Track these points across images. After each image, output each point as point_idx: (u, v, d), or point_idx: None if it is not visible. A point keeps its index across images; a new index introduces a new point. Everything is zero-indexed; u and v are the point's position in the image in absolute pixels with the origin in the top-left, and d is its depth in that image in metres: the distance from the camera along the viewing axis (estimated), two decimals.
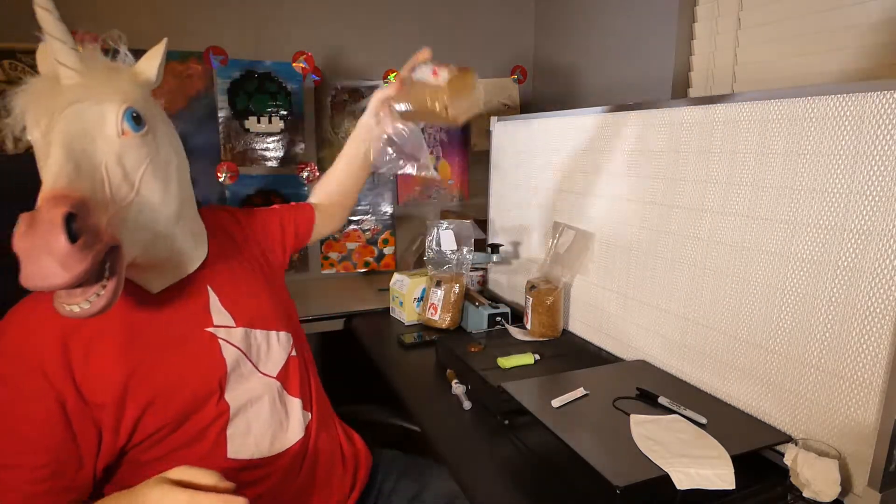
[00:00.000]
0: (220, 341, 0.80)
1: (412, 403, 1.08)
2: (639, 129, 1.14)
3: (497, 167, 1.72)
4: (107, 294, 0.60)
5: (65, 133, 0.61)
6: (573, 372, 1.06)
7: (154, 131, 0.71)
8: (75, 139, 0.62)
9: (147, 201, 0.68)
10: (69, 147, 0.60)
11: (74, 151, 0.61)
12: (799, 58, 1.22)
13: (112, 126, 0.65)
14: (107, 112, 0.65)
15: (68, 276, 0.54)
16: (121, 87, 0.67)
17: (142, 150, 0.68)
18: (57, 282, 0.54)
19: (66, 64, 0.64)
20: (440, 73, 1.01)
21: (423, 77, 1.02)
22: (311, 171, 1.91)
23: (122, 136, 0.66)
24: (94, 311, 0.59)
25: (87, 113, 0.64)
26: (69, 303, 0.59)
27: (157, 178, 0.69)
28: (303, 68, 1.85)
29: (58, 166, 0.59)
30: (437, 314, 1.47)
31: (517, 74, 2.16)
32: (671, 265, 1.08)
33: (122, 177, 0.65)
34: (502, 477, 0.85)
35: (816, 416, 0.82)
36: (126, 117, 0.66)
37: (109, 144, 0.65)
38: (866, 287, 0.75)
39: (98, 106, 0.65)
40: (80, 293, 0.59)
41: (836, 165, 0.78)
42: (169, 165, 0.73)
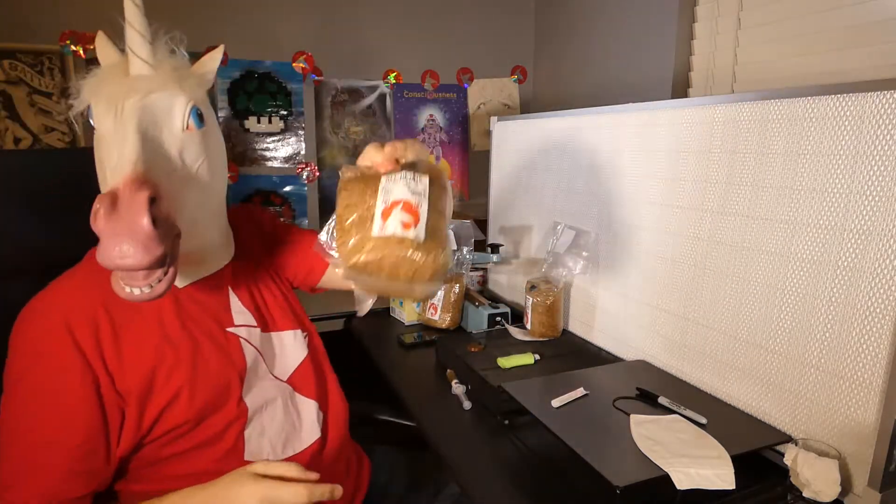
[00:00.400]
0: (242, 341, 0.81)
1: (412, 403, 1.08)
2: (638, 129, 1.14)
3: (497, 167, 1.72)
4: (167, 280, 0.61)
5: (140, 121, 0.63)
6: (573, 372, 1.06)
7: (210, 129, 0.74)
8: (149, 128, 0.64)
9: (196, 195, 0.70)
10: (144, 135, 0.63)
11: (148, 139, 0.63)
12: (799, 58, 1.22)
13: (179, 120, 0.68)
14: (176, 106, 0.68)
15: (147, 259, 0.56)
16: (188, 84, 0.70)
17: (200, 146, 0.70)
18: (133, 263, 0.55)
19: (141, 56, 0.66)
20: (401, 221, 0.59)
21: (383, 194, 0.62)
22: (311, 171, 1.91)
23: (186, 131, 0.68)
24: (154, 295, 0.61)
25: (157, 104, 0.66)
26: (131, 285, 0.60)
27: (208, 174, 0.72)
28: (303, 68, 1.85)
29: (136, 151, 0.60)
30: (437, 314, 1.47)
31: (517, 74, 2.16)
32: (671, 265, 1.08)
33: (182, 169, 0.68)
34: (502, 477, 0.85)
35: (816, 416, 0.82)
36: (192, 113, 0.69)
37: (174, 137, 0.67)
38: (866, 287, 0.75)
39: (168, 99, 0.67)
40: (143, 276, 0.60)
41: (836, 165, 0.78)
42: (218, 162, 0.76)
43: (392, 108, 2.00)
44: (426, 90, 2.04)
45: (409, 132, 2.05)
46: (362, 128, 1.97)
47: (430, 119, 2.07)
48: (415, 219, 0.58)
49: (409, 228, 0.58)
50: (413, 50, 1.99)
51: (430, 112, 2.07)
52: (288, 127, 1.87)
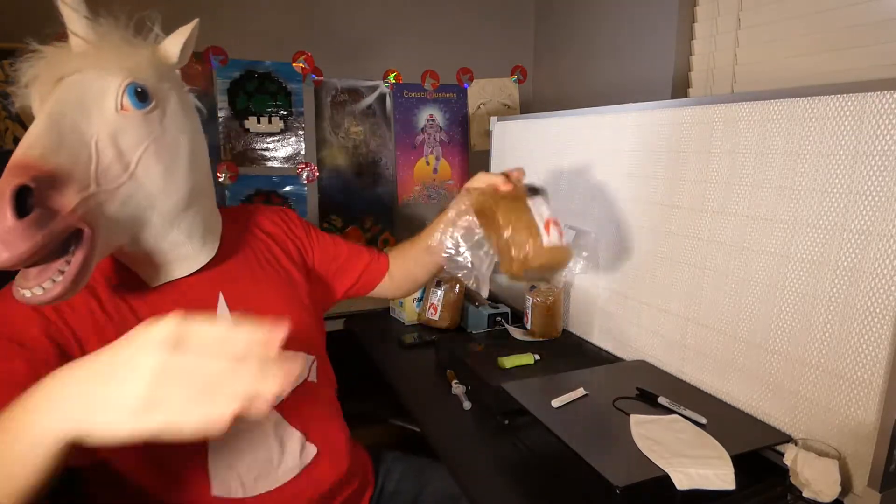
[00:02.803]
0: None
1: (412, 403, 1.08)
2: (639, 129, 1.14)
3: (497, 167, 1.72)
4: (64, 281, 0.54)
5: (58, 101, 0.57)
6: (573, 372, 1.06)
7: (163, 111, 0.66)
8: (68, 109, 0.58)
9: (142, 187, 0.62)
10: (57, 117, 0.56)
11: (62, 123, 0.56)
12: (799, 58, 1.22)
13: (111, 99, 0.61)
14: (108, 84, 0.61)
15: (6, 255, 0.49)
16: (130, 59, 0.63)
17: (142, 130, 0.62)
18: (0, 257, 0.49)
19: (77, 33, 0.61)
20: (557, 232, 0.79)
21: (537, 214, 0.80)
22: (311, 171, 1.91)
23: (122, 112, 0.61)
24: (48, 298, 0.54)
25: (87, 84, 0.60)
26: (22, 286, 0.54)
27: (159, 162, 0.64)
28: (303, 68, 1.85)
29: (36, 134, 0.54)
30: (437, 314, 1.47)
31: (517, 74, 2.16)
32: (671, 265, 1.07)
33: (115, 156, 0.60)
34: (502, 477, 0.85)
35: (816, 416, 0.82)
36: (128, 92, 0.61)
37: (105, 119, 0.60)
38: (866, 287, 0.75)
39: (100, 77, 0.61)
40: (34, 276, 0.53)
41: (836, 165, 0.78)
42: (177, 149, 0.67)
43: (392, 108, 2.00)
44: (426, 90, 2.04)
45: (409, 132, 2.05)
46: (362, 128, 1.97)
47: (430, 119, 2.07)
48: (559, 230, 0.79)
49: (563, 238, 0.79)
50: (413, 50, 1.99)
51: (429, 112, 2.07)
52: (288, 127, 1.87)
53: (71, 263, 0.55)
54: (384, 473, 1.01)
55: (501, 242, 0.79)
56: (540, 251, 0.77)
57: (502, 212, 0.79)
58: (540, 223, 0.78)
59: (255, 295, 0.81)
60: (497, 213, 0.79)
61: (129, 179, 0.61)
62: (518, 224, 0.78)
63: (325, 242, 0.99)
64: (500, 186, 0.83)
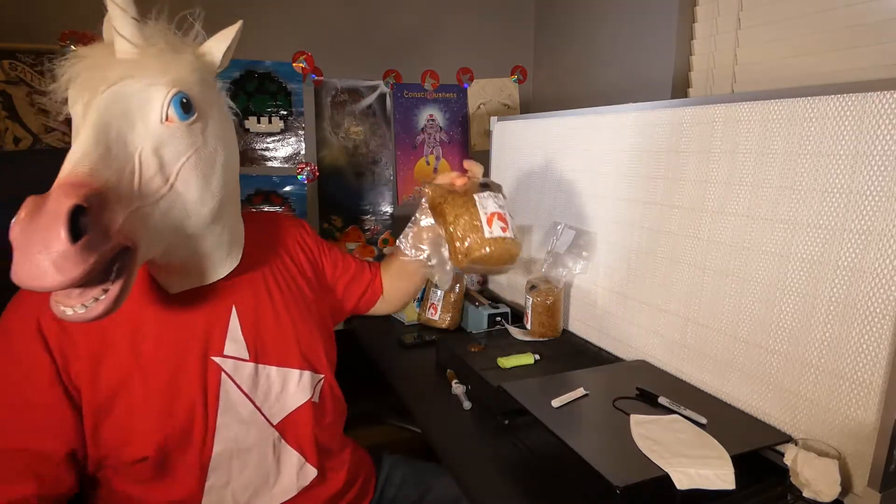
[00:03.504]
0: (223, 375, 0.72)
1: (412, 403, 1.08)
2: (639, 129, 1.14)
3: (497, 167, 1.72)
4: (107, 300, 0.53)
5: (103, 112, 0.56)
6: (573, 372, 1.06)
7: (205, 121, 0.65)
8: (113, 120, 0.56)
9: (181, 198, 0.61)
10: (104, 129, 0.55)
11: (108, 134, 0.55)
12: (799, 58, 1.22)
13: (157, 111, 0.59)
14: (153, 95, 0.59)
15: (60, 279, 0.47)
16: (175, 68, 0.61)
17: (185, 141, 0.61)
18: (47, 284, 0.47)
19: (124, 35, 0.58)
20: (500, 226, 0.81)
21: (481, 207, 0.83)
22: (311, 171, 1.91)
23: (166, 123, 0.60)
24: (90, 316, 0.52)
25: (132, 93, 0.58)
26: (64, 304, 0.52)
27: (197, 174, 0.63)
28: (303, 68, 1.85)
29: (84, 149, 0.52)
30: (437, 314, 1.47)
31: (517, 74, 2.16)
32: (671, 265, 1.07)
33: (157, 168, 0.58)
34: (502, 477, 0.85)
35: (816, 416, 0.82)
36: (174, 103, 0.60)
37: (150, 130, 0.59)
38: (866, 287, 0.75)
39: (146, 87, 0.59)
40: (77, 295, 0.52)
41: (836, 165, 0.78)
42: (215, 160, 0.66)
43: (392, 108, 2.00)
44: (426, 90, 2.04)
45: (409, 132, 2.05)
46: (362, 128, 1.97)
47: (430, 119, 2.07)
48: (506, 224, 0.82)
49: (506, 231, 0.82)
50: (413, 50, 1.99)
51: (430, 112, 2.07)
52: (288, 127, 1.87)
53: (114, 283, 0.53)
54: (384, 479, 1.01)
55: (448, 235, 0.83)
56: (480, 242, 0.80)
57: (449, 206, 0.83)
58: (483, 216, 0.81)
59: (267, 310, 0.79)
60: (444, 207, 0.83)
61: (169, 191, 0.60)
62: (462, 217, 0.82)
63: (336, 256, 1.00)
64: (455, 181, 0.85)
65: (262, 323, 0.78)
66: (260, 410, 0.75)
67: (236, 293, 0.76)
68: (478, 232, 0.81)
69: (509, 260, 0.83)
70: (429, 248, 0.90)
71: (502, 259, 0.83)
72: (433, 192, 0.87)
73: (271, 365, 0.77)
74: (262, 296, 0.80)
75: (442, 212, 0.84)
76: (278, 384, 0.77)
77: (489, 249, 0.80)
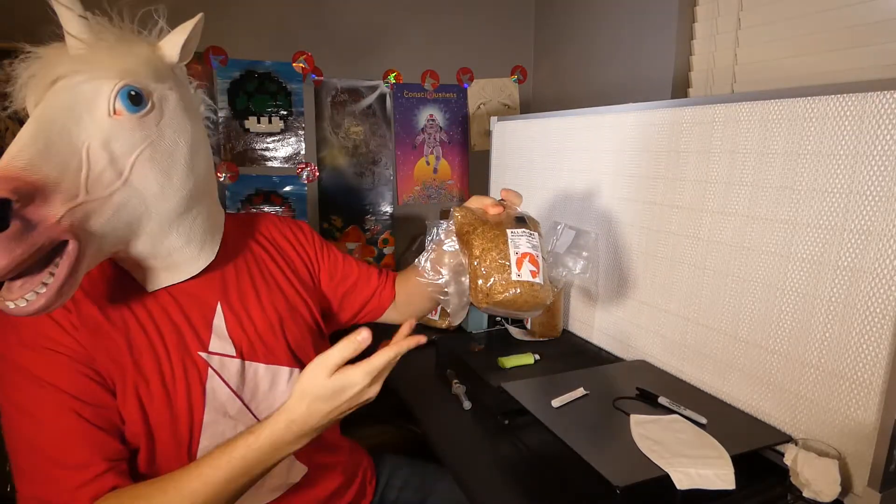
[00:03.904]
0: (210, 372, 0.71)
1: (412, 403, 1.08)
2: (639, 129, 1.14)
3: (497, 167, 1.72)
4: (48, 293, 0.53)
5: (47, 106, 0.56)
6: (573, 372, 1.06)
7: (160, 113, 0.64)
8: (58, 115, 0.56)
9: (138, 192, 0.61)
10: (47, 123, 0.55)
11: (51, 129, 0.55)
12: (799, 58, 1.22)
13: (103, 104, 0.59)
14: (100, 88, 0.59)
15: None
16: (125, 61, 0.60)
17: (137, 134, 0.60)
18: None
19: (72, 33, 0.59)
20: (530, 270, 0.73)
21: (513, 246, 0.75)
22: (311, 171, 1.91)
23: (114, 116, 0.59)
24: (32, 310, 0.53)
25: (79, 87, 0.58)
26: (5, 297, 0.52)
27: (155, 167, 0.62)
28: (303, 68, 1.85)
29: (22, 143, 0.53)
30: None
31: (517, 74, 2.16)
32: (671, 265, 1.07)
33: (108, 162, 0.58)
34: (502, 477, 0.85)
35: (816, 416, 0.82)
36: (121, 96, 0.59)
37: (97, 125, 0.58)
38: (866, 287, 0.75)
39: (92, 80, 0.59)
40: (17, 288, 0.52)
41: (836, 165, 0.78)
42: (175, 152, 0.65)
43: (392, 108, 2.00)
44: (426, 90, 2.04)
45: (409, 132, 2.05)
46: (362, 128, 1.97)
47: (430, 119, 2.07)
48: (537, 268, 0.74)
49: (536, 276, 0.74)
50: (413, 50, 1.99)
51: (430, 112, 2.07)
52: (288, 127, 1.87)
53: (55, 276, 0.54)
54: (385, 481, 1.00)
55: (471, 270, 0.75)
56: (505, 285, 0.72)
57: (478, 237, 0.75)
58: (514, 255, 0.73)
59: (254, 307, 0.79)
60: (473, 238, 0.76)
61: (124, 186, 0.60)
62: (489, 252, 0.74)
63: (335, 262, 0.95)
64: (488, 210, 0.79)
65: (249, 320, 0.77)
66: (248, 407, 0.74)
67: (220, 290, 0.76)
68: (504, 272, 0.72)
69: (535, 307, 0.75)
70: (448, 274, 0.81)
71: (527, 305, 0.74)
72: (462, 216, 0.79)
73: (259, 362, 0.76)
74: (247, 293, 0.79)
75: (468, 242, 0.76)
76: (266, 381, 0.76)
77: (513, 293, 0.72)
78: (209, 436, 0.71)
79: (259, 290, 0.81)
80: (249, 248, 0.84)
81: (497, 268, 0.73)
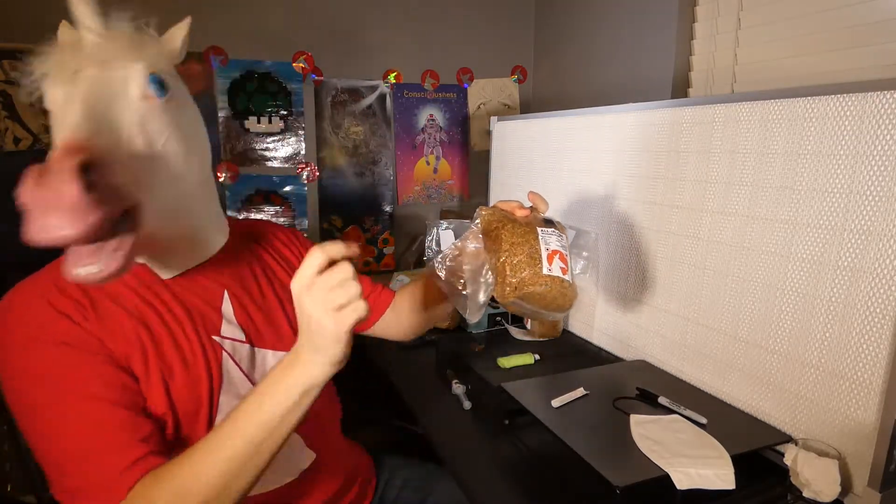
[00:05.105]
0: (224, 355, 0.74)
1: (412, 404, 1.08)
2: (639, 129, 1.14)
3: (497, 167, 1.72)
4: (120, 256, 0.54)
5: (86, 92, 0.58)
6: (573, 372, 1.06)
7: (177, 102, 0.68)
8: (100, 97, 0.59)
9: (169, 171, 0.65)
10: (92, 104, 0.57)
11: (97, 109, 0.57)
12: (799, 58, 1.22)
13: (136, 88, 0.62)
14: (131, 74, 0.62)
15: (78, 228, 0.49)
16: (146, 50, 0.64)
17: (165, 117, 0.65)
18: (66, 233, 0.48)
19: (91, 26, 0.61)
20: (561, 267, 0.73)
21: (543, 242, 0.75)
22: (311, 171, 1.91)
23: (146, 100, 0.63)
24: (105, 274, 0.54)
25: (111, 73, 0.61)
26: (77, 264, 0.53)
27: (179, 150, 0.66)
28: (303, 68, 1.85)
29: (74, 123, 0.55)
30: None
31: (517, 74, 2.16)
32: (671, 265, 1.08)
33: (145, 142, 0.62)
34: (502, 477, 0.85)
35: (816, 416, 0.82)
36: (151, 80, 0.63)
37: (132, 107, 0.61)
38: (866, 287, 0.75)
39: (122, 67, 0.62)
40: (89, 254, 0.53)
41: (836, 165, 0.78)
42: (192, 138, 0.70)
43: (392, 108, 2.00)
44: (426, 90, 2.04)
45: (409, 132, 2.05)
46: (362, 128, 1.97)
47: (430, 119, 2.07)
48: (566, 266, 0.75)
49: (566, 273, 0.74)
50: (413, 50, 1.99)
51: (430, 112, 2.07)
52: (288, 127, 1.87)
53: (125, 240, 0.55)
54: (385, 481, 1.00)
55: (499, 264, 0.75)
56: (537, 279, 0.72)
57: (507, 232, 0.76)
58: (544, 251, 0.74)
59: (256, 297, 0.82)
60: (502, 233, 0.76)
61: (158, 166, 0.63)
62: (520, 247, 0.74)
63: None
64: (515, 211, 0.82)
65: (253, 308, 0.80)
66: None
67: (225, 279, 0.79)
68: (535, 266, 0.72)
69: (562, 305, 0.75)
70: (467, 274, 0.79)
71: (556, 302, 0.74)
72: (490, 214, 0.79)
73: (267, 349, 0.79)
74: (250, 284, 0.82)
75: (498, 237, 0.76)
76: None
77: (544, 287, 0.72)
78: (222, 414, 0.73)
79: (259, 280, 0.84)
80: (248, 246, 0.87)
81: (528, 262, 0.73)
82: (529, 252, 0.73)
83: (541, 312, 0.76)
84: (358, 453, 0.98)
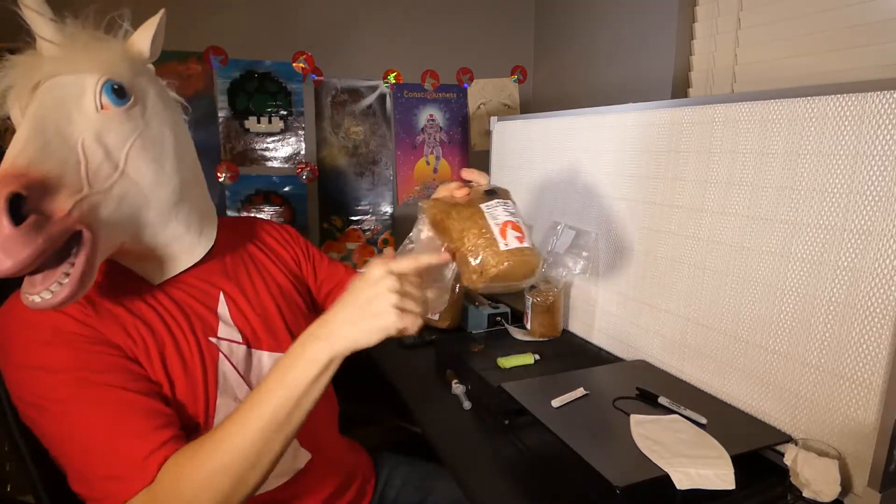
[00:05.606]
0: (221, 356, 0.73)
1: (412, 404, 1.08)
2: (639, 129, 1.14)
3: (497, 167, 1.72)
4: (71, 282, 0.54)
5: (38, 107, 0.57)
6: (573, 372, 1.06)
7: (143, 105, 0.66)
8: (49, 114, 0.57)
9: (135, 182, 0.63)
10: (41, 123, 0.56)
11: (46, 128, 0.56)
12: (799, 58, 1.22)
13: (90, 99, 0.61)
14: (85, 84, 0.61)
15: (10, 263, 0.49)
16: (102, 58, 0.62)
17: (126, 126, 0.62)
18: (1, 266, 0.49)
19: (44, 36, 0.60)
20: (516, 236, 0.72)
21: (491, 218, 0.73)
22: (310, 171, 1.91)
23: (102, 111, 0.61)
24: (56, 301, 0.54)
25: (64, 86, 0.60)
26: (30, 292, 0.54)
27: (147, 157, 0.64)
28: (303, 68, 1.85)
29: (21, 144, 0.54)
30: (437, 314, 1.47)
31: (517, 74, 2.16)
32: (671, 265, 1.08)
33: (104, 156, 0.60)
34: (502, 477, 0.85)
35: (816, 416, 0.82)
36: (105, 90, 0.61)
37: (88, 120, 0.60)
38: (866, 287, 0.75)
39: (75, 78, 0.60)
40: (39, 281, 0.54)
41: (836, 165, 0.78)
42: (163, 142, 0.67)
43: (392, 108, 2.00)
44: (426, 90, 2.04)
45: (409, 132, 2.05)
46: (362, 128, 1.97)
47: (430, 119, 2.07)
48: (521, 233, 0.73)
49: (523, 241, 0.72)
50: (413, 50, 1.99)
51: (430, 112, 2.07)
52: (288, 127, 1.87)
53: (75, 265, 0.55)
54: (385, 480, 1.00)
55: (458, 254, 0.73)
56: (496, 258, 0.70)
57: (454, 221, 0.73)
58: (495, 227, 0.71)
59: (252, 298, 0.81)
60: (449, 223, 0.73)
61: (121, 178, 0.62)
62: (470, 231, 0.71)
63: (320, 261, 0.98)
64: (454, 193, 0.77)
65: (249, 310, 0.79)
66: None
67: (220, 280, 0.78)
68: (492, 246, 0.70)
69: (529, 273, 0.73)
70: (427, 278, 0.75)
71: (522, 273, 0.73)
72: (432, 207, 0.76)
73: (263, 350, 0.78)
74: (245, 285, 0.81)
75: (446, 228, 0.74)
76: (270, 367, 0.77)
77: (507, 265, 0.70)
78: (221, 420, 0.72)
79: (254, 280, 0.83)
80: (241, 244, 0.86)
81: (483, 244, 0.70)
82: (480, 233, 0.71)
83: (512, 285, 0.75)
84: (357, 453, 0.98)
